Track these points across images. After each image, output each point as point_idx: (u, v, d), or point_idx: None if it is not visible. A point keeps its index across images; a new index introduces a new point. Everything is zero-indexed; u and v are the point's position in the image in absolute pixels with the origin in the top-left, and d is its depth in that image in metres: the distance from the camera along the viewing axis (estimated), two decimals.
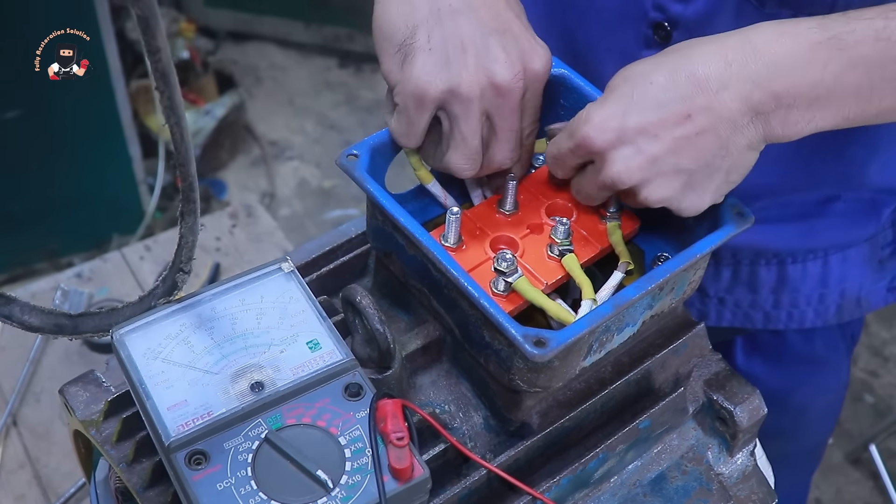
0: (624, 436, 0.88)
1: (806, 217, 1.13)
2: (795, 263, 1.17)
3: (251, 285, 0.83)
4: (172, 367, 0.78)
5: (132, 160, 2.66)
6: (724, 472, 0.93)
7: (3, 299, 0.76)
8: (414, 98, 0.84)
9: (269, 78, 3.41)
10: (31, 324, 0.78)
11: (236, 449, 0.73)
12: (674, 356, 0.93)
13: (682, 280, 0.87)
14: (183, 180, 0.71)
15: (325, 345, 0.80)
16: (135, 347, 0.79)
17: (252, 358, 0.79)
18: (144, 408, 0.76)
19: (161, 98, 0.63)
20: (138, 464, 0.82)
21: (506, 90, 0.85)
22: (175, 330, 0.80)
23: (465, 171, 0.88)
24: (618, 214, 0.90)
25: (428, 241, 0.81)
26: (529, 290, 0.82)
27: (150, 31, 0.58)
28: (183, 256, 0.77)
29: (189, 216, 0.74)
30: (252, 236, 1.70)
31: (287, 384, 0.77)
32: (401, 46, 0.85)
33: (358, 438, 0.74)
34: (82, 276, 1.61)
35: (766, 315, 1.20)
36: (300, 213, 3.02)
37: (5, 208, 2.56)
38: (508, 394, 0.83)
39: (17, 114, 2.41)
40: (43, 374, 1.44)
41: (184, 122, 0.65)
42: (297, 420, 0.75)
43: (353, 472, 0.72)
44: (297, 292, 0.83)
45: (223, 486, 0.71)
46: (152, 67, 0.61)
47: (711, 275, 1.18)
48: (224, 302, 0.82)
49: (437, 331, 0.88)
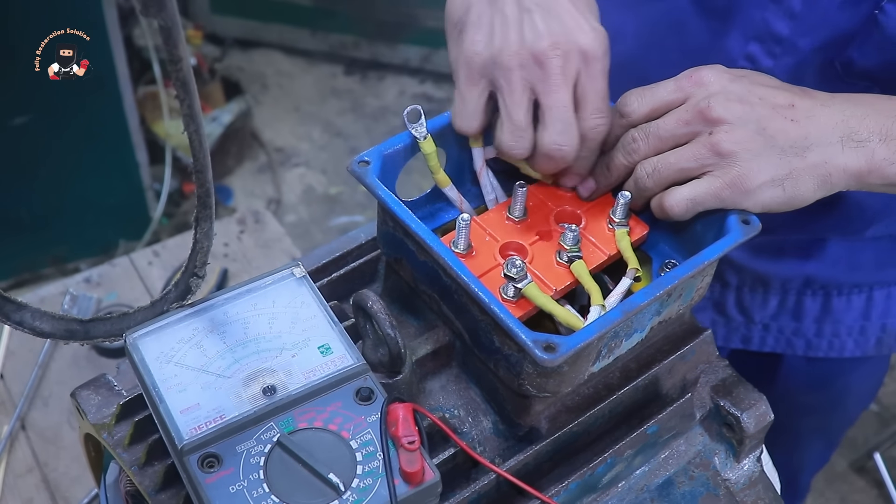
0: (632, 441, 0.89)
1: (855, 252, 1.16)
2: (840, 296, 1.20)
3: (263, 290, 0.84)
4: (185, 371, 0.78)
5: (139, 166, 2.67)
6: (731, 478, 0.94)
7: (14, 305, 0.77)
8: (462, 71, 0.87)
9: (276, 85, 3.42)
10: (43, 329, 0.79)
11: (248, 452, 0.74)
12: (681, 362, 0.93)
13: (689, 286, 0.87)
14: (200, 186, 0.71)
15: (337, 349, 0.80)
16: (148, 351, 0.79)
17: (264, 362, 0.79)
18: (157, 411, 0.77)
19: (181, 106, 0.63)
20: (150, 467, 0.82)
21: (543, 59, 0.85)
22: (188, 334, 0.81)
23: (513, 149, 0.88)
24: (626, 221, 0.91)
25: (439, 246, 0.82)
26: (539, 295, 0.83)
27: (171, 41, 0.59)
28: (197, 261, 0.78)
29: (204, 222, 0.75)
30: (260, 242, 1.71)
31: (299, 388, 0.77)
32: (456, 25, 0.89)
33: (369, 442, 0.75)
34: (91, 281, 1.61)
35: (807, 342, 1.24)
36: (306, 220, 3.03)
37: (13, 213, 2.58)
38: (517, 399, 0.84)
39: (25, 120, 2.42)
40: (51, 378, 1.45)
41: (202, 129, 0.66)
42: (308, 424, 0.76)
43: (365, 476, 0.73)
44: (309, 297, 0.84)
45: (236, 488, 0.72)
46: (173, 77, 0.61)
47: (759, 302, 1.21)
48: (236, 306, 0.83)
49: (447, 336, 0.88)
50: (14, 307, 0.76)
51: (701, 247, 0.85)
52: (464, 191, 0.95)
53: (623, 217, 0.90)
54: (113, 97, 2.50)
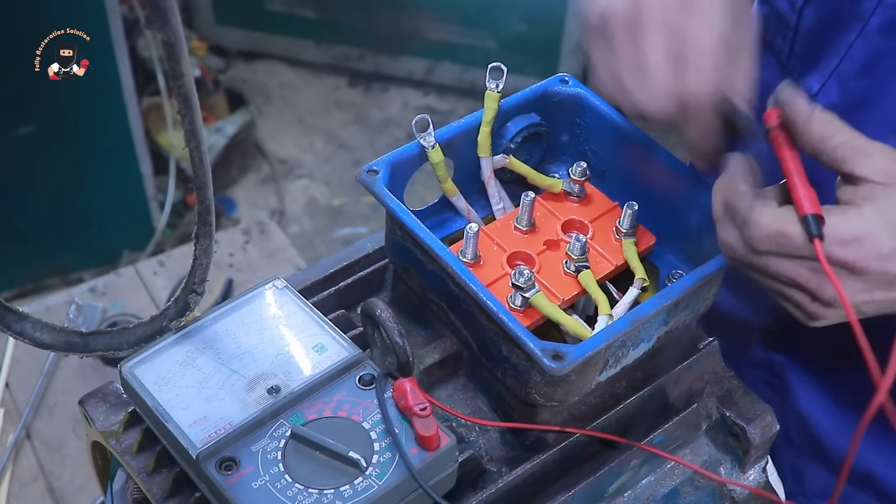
0: (638, 451, 0.89)
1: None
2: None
3: (248, 305, 0.86)
4: (186, 390, 0.80)
5: (143, 177, 2.67)
6: (737, 488, 0.94)
7: (15, 315, 0.77)
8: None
9: (280, 96, 3.42)
10: (43, 341, 0.79)
11: (264, 449, 0.76)
12: (687, 372, 0.93)
13: (696, 297, 0.88)
14: (200, 203, 0.71)
15: (331, 346, 0.83)
16: (145, 377, 0.81)
17: (262, 368, 0.81)
18: (165, 429, 0.78)
19: (183, 122, 0.64)
20: (158, 474, 0.82)
21: None
22: (181, 357, 0.82)
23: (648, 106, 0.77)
24: (633, 232, 0.91)
25: (447, 255, 0.82)
26: (546, 305, 0.83)
27: (174, 57, 0.59)
28: (196, 278, 0.78)
29: (204, 238, 0.75)
30: (265, 252, 1.72)
31: (302, 384, 0.79)
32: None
33: (380, 421, 0.77)
34: (96, 291, 1.62)
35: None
36: (309, 231, 3.04)
37: (17, 224, 2.58)
38: (525, 408, 0.84)
39: (30, 130, 2.42)
40: (57, 387, 1.45)
41: (203, 146, 0.66)
42: (318, 415, 0.78)
43: (383, 451, 0.75)
44: (294, 305, 0.86)
45: (258, 484, 0.73)
46: (175, 92, 0.62)
47: None
48: (225, 324, 0.85)
49: (455, 345, 0.89)
50: (15, 317, 0.77)
51: (708, 257, 0.85)
52: (471, 200, 0.95)
53: (630, 227, 0.91)
54: (117, 107, 2.50)
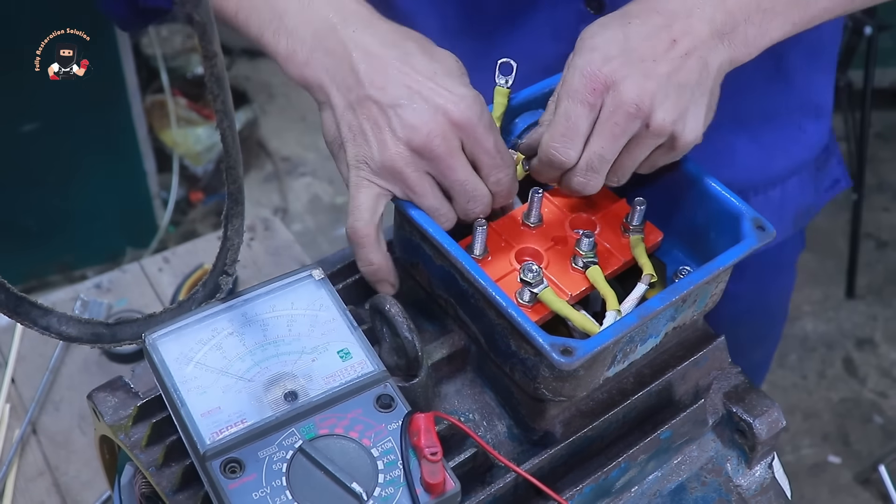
0: (645, 446, 0.89)
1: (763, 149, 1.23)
2: (758, 195, 1.25)
3: (281, 291, 0.84)
4: (205, 373, 0.79)
5: (147, 174, 2.68)
6: (743, 484, 0.94)
7: (41, 311, 0.77)
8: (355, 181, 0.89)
9: (282, 94, 3.43)
10: (70, 334, 0.79)
11: (271, 458, 0.74)
12: (694, 368, 0.94)
13: (704, 293, 0.88)
14: (231, 183, 0.71)
15: (357, 354, 0.81)
16: (167, 352, 0.80)
17: (284, 366, 0.79)
18: (178, 414, 0.77)
19: (215, 102, 0.64)
20: (168, 468, 0.83)
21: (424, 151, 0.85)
22: (207, 335, 0.81)
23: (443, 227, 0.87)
24: (641, 228, 0.91)
25: (457, 251, 0.82)
26: (555, 300, 0.83)
27: (206, 37, 0.60)
28: (228, 259, 0.77)
29: (235, 219, 0.75)
30: (270, 249, 1.71)
31: (320, 394, 0.78)
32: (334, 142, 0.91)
33: (390, 451, 0.75)
34: (101, 287, 1.61)
35: None
36: (312, 229, 3.04)
37: (20, 221, 2.58)
38: (532, 403, 0.84)
39: (34, 127, 2.43)
40: (62, 383, 1.45)
41: (234, 126, 0.67)
42: (329, 430, 0.76)
43: (386, 485, 0.73)
44: (328, 300, 0.84)
45: (259, 495, 0.72)
46: (208, 73, 0.62)
47: None
48: (255, 307, 0.83)
49: (463, 340, 0.89)
50: (41, 312, 0.76)
51: (715, 253, 0.85)
52: None
53: (638, 223, 0.91)
54: (121, 105, 2.51)
